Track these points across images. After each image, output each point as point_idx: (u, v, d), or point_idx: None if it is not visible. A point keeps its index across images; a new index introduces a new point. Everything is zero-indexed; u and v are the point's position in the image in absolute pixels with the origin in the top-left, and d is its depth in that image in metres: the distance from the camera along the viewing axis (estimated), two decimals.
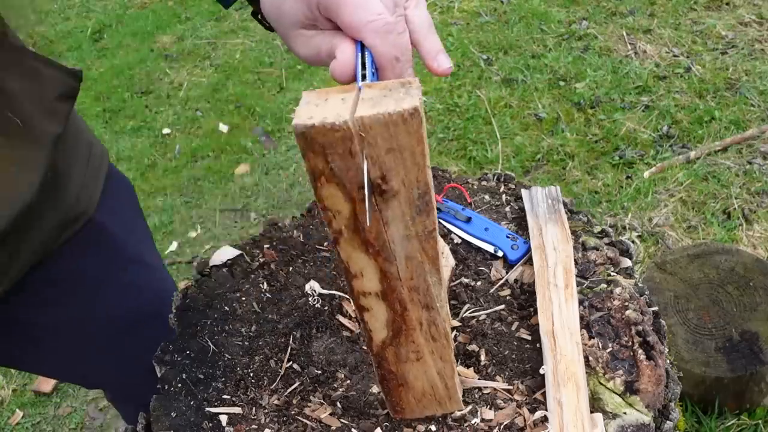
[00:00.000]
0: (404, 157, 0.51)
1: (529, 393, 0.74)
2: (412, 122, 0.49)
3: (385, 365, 0.68)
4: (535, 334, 0.79)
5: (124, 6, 4.29)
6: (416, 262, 0.59)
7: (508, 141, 2.66)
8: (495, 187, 1.01)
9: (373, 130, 0.49)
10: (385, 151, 0.50)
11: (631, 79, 2.82)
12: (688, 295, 1.69)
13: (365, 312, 0.62)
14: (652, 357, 0.73)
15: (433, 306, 0.63)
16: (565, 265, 0.82)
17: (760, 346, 1.57)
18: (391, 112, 0.48)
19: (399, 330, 0.64)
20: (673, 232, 2.20)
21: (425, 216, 0.55)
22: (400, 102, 0.49)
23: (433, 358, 0.67)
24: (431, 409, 0.73)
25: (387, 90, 0.51)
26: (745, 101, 2.60)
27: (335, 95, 0.51)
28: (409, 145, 0.50)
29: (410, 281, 0.60)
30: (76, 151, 0.92)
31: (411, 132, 0.49)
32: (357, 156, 0.50)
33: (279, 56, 3.52)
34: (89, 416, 2.09)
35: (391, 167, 0.51)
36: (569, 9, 3.31)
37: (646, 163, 2.45)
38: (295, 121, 0.49)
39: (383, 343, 0.65)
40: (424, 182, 0.53)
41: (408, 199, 0.54)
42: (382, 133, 0.49)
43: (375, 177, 0.51)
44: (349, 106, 0.49)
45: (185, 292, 0.90)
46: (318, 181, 0.51)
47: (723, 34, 2.96)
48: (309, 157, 0.50)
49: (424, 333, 0.65)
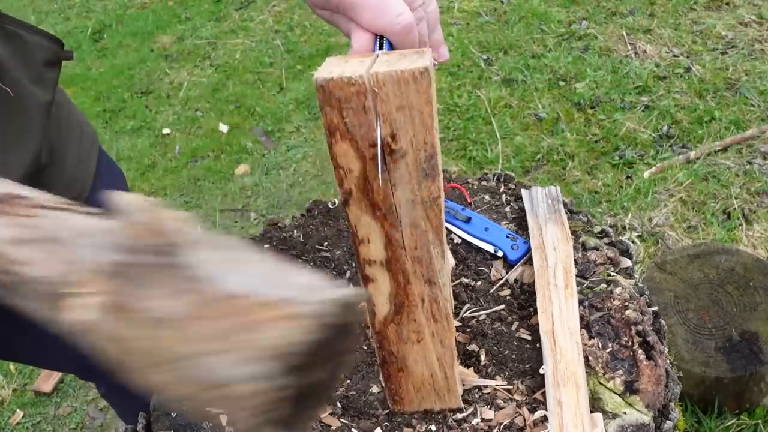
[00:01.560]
0: (413, 116, 0.53)
1: (529, 393, 0.74)
2: (422, 81, 0.52)
3: (386, 345, 0.68)
4: (535, 334, 0.79)
5: (124, 6, 4.29)
6: (420, 231, 0.60)
7: (508, 141, 2.66)
8: (495, 187, 1.01)
9: (386, 87, 0.52)
10: (396, 108, 0.53)
11: (631, 79, 2.82)
12: (688, 295, 1.69)
13: (370, 283, 0.64)
14: (652, 357, 0.73)
15: (435, 281, 0.64)
16: (565, 265, 0.82)
17: (760, 346, 1.57)
18: (403, 69, 0.51)
19: (401, 305, 0.65)
20: (673, 232, 2.20)
21: (431, 181, 0.57)
22: (412, 62, 0.52)
23: (434, 341, 0.68)
24: (430, 401, 0.73)
25: (402, 56, 0.54)
26: (745, 101, 2.60)
27: (355, 59, 0.55)
28: (418, 104, 0.53)
29: (414, 251, 0.62)
30: (69, 129, 0.93)
31: (420, 91, 0.52)
32: (370, 112, 0.53)
33: (279, 56, 3.52)
34: (89, 416, 2.09)
35: (401, 125, 0.54)
36: (569, 9, 3.31)
37: (646, 163, 2.45)
38: (316, 75, 0.52)
39: (385, 320, 0.66)
40: (432, 144, 0.56)
41: (415, 161, 0.56)
42: (394, 90, 0.52)
43: (385, 134, 0.54)
44: (367, 66, 0.53)
45: None
46: (333, 136, 0.54)
47: (723, 34, 2.96)
48: (326, 111, 0.53)
49: (426, 311, 0.66)
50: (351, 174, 0.56)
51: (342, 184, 0.57)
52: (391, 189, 0.57)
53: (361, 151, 0.55)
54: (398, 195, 0.58)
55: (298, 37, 3.61)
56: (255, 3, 3.98)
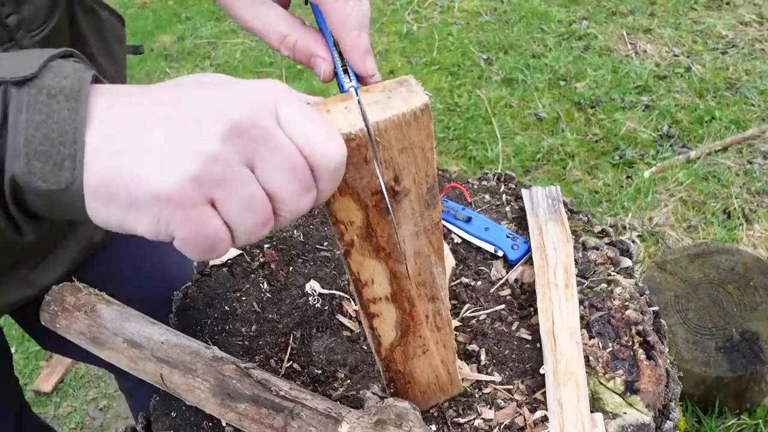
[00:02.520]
0: (415, 155, 0.51)
1: (530, 393, 0.74)
2: (422, 118, 0.49)
3: (393, 367, 0.68)
4: (535, 334, 0.79)
5: (124, 6, 4.29)
6: (424, 257, 0.59)
7: (508, 141, 2.66)
8: (495, 186, 1.01)
9: (388, 133, 0.48)
10: (399, 151, 0.50)
11: (631, 78, 2.81)
12: (689, 294, 1.69)
13: (375, 318, 0.62)
14: (653, 357, 0.73)
15: (438, 296, 0.63)
16: (565, 265, 0.82)
17: (761, 345, 1.57)
18: (404, 112, 0.48)
19: (407, 328, 0.64)
20: (673, 232, 2.20)
21: (432, 209, 0.56)
22: (407, 101, 0.49)
23: (438, 347, 0.68)
24: (435, 398, 0.73)
25: (388, 91, 0.50)
26: (745, 101, 2.60)
27: (336, 105, 0.49)
28: (419, 141, 0.50)
29: (418, 277, 0.60)
30: None
31: (421, 128, 0.50)
32: (371, 162, 0.49)
33: (279, 56, 3.51)
34: (89, 416, 2.09)
35: (404, 166, 0.51)
36: (569, 9, 3.31)
37: (647, 162, 2.45)
38: None
39: (392, 346, 0.65)
40: (432, 176, 0.53)
41: (418, 196, 0.54)
42: (396, 135, 0.49)
43: (388, 179, 0.51)
44: (357, 113, 0.48)
45: (185, 292, 0.90)
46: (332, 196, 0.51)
47: (723, 34, 2.96)
48: None
49: (430, 325, 0.65)
50: (353, 226, 0.53)
51: (343, 237, 0.54)
52: (395, 228, 0.55)
53: (364, 202, 0.52)
54: (402, 231, 0.56)
55: None
56: None
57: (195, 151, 0.41)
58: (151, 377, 0.72)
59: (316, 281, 0.89)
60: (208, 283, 0.91)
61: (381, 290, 0.59)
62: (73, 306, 0.76)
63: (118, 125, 0.43)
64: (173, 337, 0.73)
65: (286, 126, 0.44)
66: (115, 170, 0.42)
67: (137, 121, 0.43)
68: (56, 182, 0.42)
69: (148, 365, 0.72)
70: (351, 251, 0.55)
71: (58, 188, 0.42)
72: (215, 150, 0.41)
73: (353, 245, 0.55)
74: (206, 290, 0.90)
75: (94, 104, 0.43)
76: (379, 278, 0.58)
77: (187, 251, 0.45)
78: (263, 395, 0.66)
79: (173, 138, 0.41)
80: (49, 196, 0.43)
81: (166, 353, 0.71)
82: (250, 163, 0.43)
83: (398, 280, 0.59)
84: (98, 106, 0.44)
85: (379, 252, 0.56)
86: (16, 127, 0.42)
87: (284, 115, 0.44)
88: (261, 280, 0.91)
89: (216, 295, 0.89)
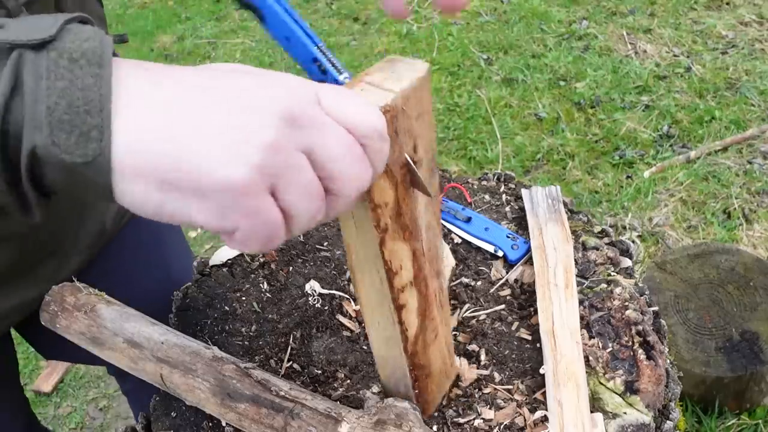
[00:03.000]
0: (425, 120, 0.52)
1: (529, 393, 0.74)
2: (428, 83, 0.50)
3: (417, 361, 0.66)
4: (535, 334, 0.79)
5: (124, 5, 4.29)
6: (432, 230, 0.59)
7: (508, 141, 2.66)
8: (495, 186, 1.01)
9: (410, 101, 0.49)
10: (415, 119, 0.51)
11: (631, 78, 2.82)
12: (688, 294, 1.69)
13: (403, 310, 0.61)
14: (652, 357, 0.73)
15: (440, 270, 0.63)
16: (565, 265, 0.82)
17: (760, 345, 1.57)
18: (418, 77, 0.49)
19: (424, 313, 0.64)
20: (673, 232, 2.20)
21: (435, 177, 0.56)
22: (412, 69, 0.50)
23: (443, 327, 0.68)
24: (444, 387, 0.74)
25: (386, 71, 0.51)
26: (745, 101, 2.60)
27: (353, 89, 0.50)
28: (428, 106, 0.51)
29: (429, 252, 0.61)
30: None
31: (428, 93, 0.51)
32: (400, 134, 0.50)
33: (279, 56, 3.51)
34: (89, 416, 2.09)
35: (419, 134, 0.52)
36: (569, 9, 3.31)
37: (647, 162, 2.45)
38: None
39: (416, 337, 0.64)
40: (434, 142, 0.54)
41: (428, 164, 0.55)
42: (414, 101, 0.50)
43: (409, 150, 0.52)
44: (378, 90, 0.49)
45: (185, 292, 0.90)
46: None
47: (723, 34, 2.96)
48: None
49: (437, 304, 0.65)
50: (387, 207, 0.52)
51: (379, 224, 0.53)
52: (414, 203, 0.55)
53: (394, 178, 0.52)
54: (419, 206, 0.56)
55: None
56: None
57: (259, 140, 0.40)
58: (151, 377, 0.72)
59: (316, 281, 0.89)
60: (208, 283, 0.91)
61: (407, 275, 0.59)
62: (73, 306, 0.76)
63: (162, 105, 0.41)
64: (173, 337, 0.73)
65: (331, 109, 0.44)
66: (172, 155, 0.40)
67: (188, 104, 0.41)
68: (82, 154, 0.39)
69: (148, 365, 0.72)
70: (385, 238, 0.55)
71: (84, 161, 0.40)
72: (276, 139, 0.41)
73: (387, 230, 0.54)
74: (206, 290, 0.90)
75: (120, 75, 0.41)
76: (406, 262, 0.58)
77: (247, 243, 0.43)
78: (263, 395, 0.66)
79: (235, 126, 0.41)
80: (72, 169, 0.40)
81: (166, 353, 0.71)
82: (305, 150, 0.43)
83: (417, 260, 0.59)
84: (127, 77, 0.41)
85: (405, 232, 0.56)
86: (35, 94, 0.39)
87: (326, 99, 0.44)
88: (261, 280, 0.91)
89: (216, 295, 0.89)
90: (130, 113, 0.40)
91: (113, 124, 0.40)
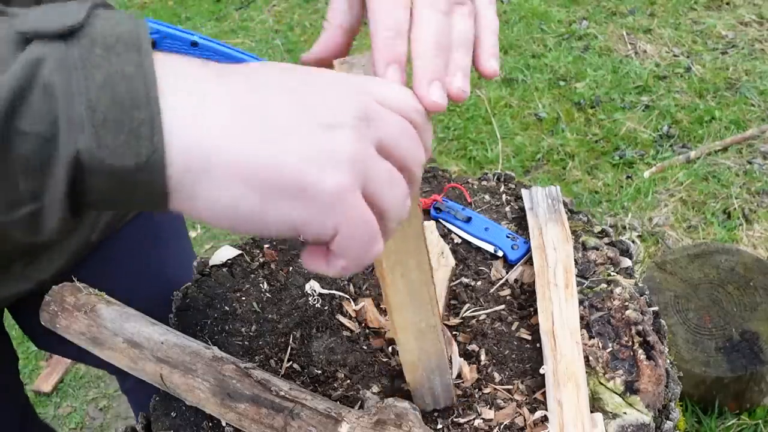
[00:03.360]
0: None
1: (529, 393, 0.74)
2: None
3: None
4: (535, 334, 0.79)
5: (124, 6, 4.29)
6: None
7: (508, 141, 2.66)
8: (495, 186, 1.01)
9: None
10: None
11: (631, 78, 2.81)
12: (688, 295, 1.69)
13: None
14: (652, 357, 0.73)
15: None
16: (565, 265, 0.82)
17: (760, 346, 1.57)
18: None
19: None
20: (673, 232, 2.20)
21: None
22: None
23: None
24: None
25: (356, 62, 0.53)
26: (745, 101, 2.60)
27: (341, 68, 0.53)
28: None
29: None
30: None
31: None
32: None
33: (279, 56, 3.51)
34: (89, 416, 2.09)
35: None
36: (569, 9, 3.31)
37: (647, 162, 2.45)
38: None
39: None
40: None
41: None
42: None
43: None
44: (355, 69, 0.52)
45: (185, 292, 0.90)
46: None
47: (723, 34, 2.96)
48: None
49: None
50: None
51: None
52: None
53: None
54: None
55: (298, 37, 3.61)
56: (255, 3, 3.98)
57: (347, 140, 0.40)
58: (151, 377, 0.72)
59: (316, 281, 0.90)
60: (208, 283, 0.91)
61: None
62: (73, 306, 0.76)
63: (239, 100, 0.38)
64: (173, 337, 0.73)
65: (384, 100, 0.45)
66: (272, 157, 0.38)
67: (268, 102, 0.39)
68: (135, 155, 0.34)
69: (148, 365, 0.72)
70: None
71: (137, 162, 0.34)
72: (359, 137, 0.41)
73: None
74: (206, 290, 0.90)
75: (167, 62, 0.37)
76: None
77: (347, 251, 0.42)
78: (263, 395, 0.66)
79: (324, 128, 0.40)
80: (121, 177, 0.34)
81: (166, 353, 0.71)
82: (376, 142, 0.43)
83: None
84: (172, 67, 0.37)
85: None
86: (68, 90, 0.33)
87: (377, 92, 0.45)
88: (261, 280, 0.91)
89: (216, 295, 0.89)
90: (183, 105, 0.36)
91: (172, 117, 0.36)
